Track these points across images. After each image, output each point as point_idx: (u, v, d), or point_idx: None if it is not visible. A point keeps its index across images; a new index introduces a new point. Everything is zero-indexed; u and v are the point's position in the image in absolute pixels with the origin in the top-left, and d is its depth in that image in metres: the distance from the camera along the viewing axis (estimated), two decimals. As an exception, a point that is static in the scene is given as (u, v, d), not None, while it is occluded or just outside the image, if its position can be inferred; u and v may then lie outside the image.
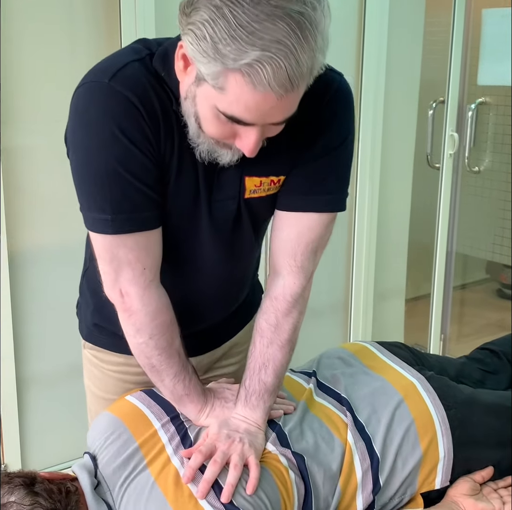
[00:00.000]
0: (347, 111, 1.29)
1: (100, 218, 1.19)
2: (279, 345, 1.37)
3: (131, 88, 1.13)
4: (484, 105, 3.19)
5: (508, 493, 1.48)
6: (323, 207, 1.31)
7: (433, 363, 1.69)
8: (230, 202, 1.29)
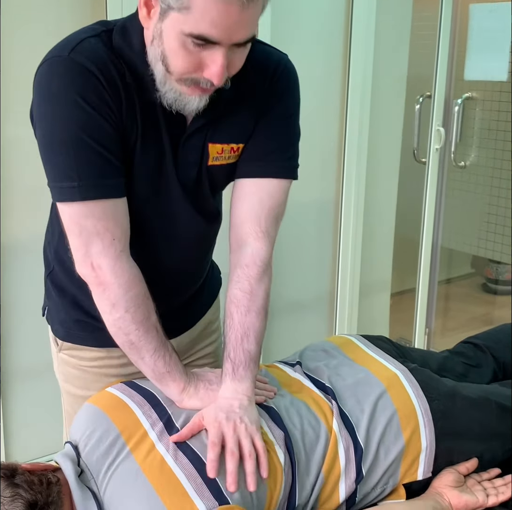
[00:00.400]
0: (296, 86, 1.41)
1: (67, 186, 1.23)
2: (256, 312, 1.39)
3: (89, 59, 1.20)
4: (471, 100, 3.20)
5: (492, 485, 1.49)
6: (280, 172, 1.41)
7: (416, 357, 1.70)
8: (191, 167, 1.36)
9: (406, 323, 3.36)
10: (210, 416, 1.32)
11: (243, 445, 1.27)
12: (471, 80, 3.11)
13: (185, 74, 1.19)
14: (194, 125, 1.33)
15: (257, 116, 1.37)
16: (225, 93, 1.29)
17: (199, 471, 1.24)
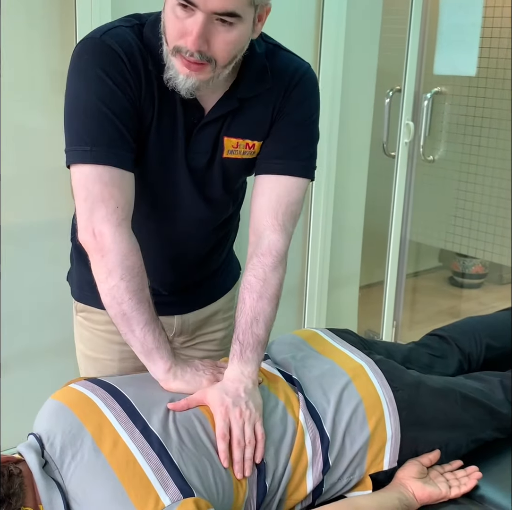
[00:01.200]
0: (314, 93, 1.50)
1: (81, 149, 1.33)
2: (268, 298, 1.45)
3: (118, 42, 1.33)
4: (440, 95, 3.22)
5: (454, 477, 1.51)
6: (299, 171, 1.49)
7: (380, 350, 1.72)
8: (202, 155, 1.45)
9: (374, 316, 3.38)
10: (215, 398, 1.36)
11: (245, 432, 1.33)
12: (440, 75, 3.13)
13: (173, 42, 1.28)
14: (210, 116, 1.42)
15: (272, 118, 1.46)
16: (243, 91, 1.41)
17: (165, 463, 1.24)
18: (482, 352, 1.90)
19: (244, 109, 1.44)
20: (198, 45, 1.24)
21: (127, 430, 1.29)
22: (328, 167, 2.82)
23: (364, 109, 2.99)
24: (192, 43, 1.24)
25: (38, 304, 2.24)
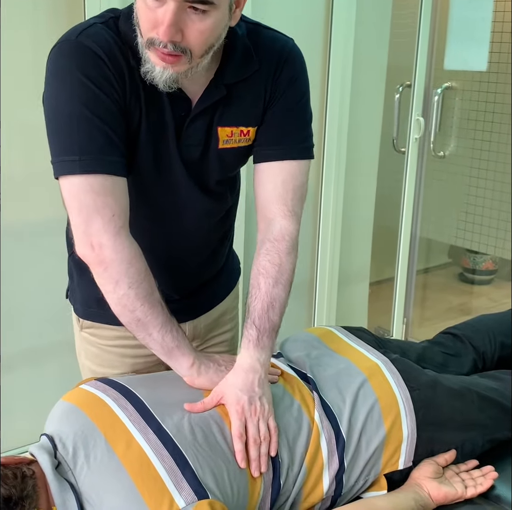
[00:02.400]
0: (303, 70, 1.45)
1: (68, 159, 1.27)
2: (283, 284, 1.43)
3: (95, 42, 1.26)
4: (450, 90, 3.20)
5: (470, 477, 1.50)
6: (300, 154, 1.46)
7: (394, 348, 1.70)
8: (195, 148, 1.40)
9: (384, 313, 3.36)
10: (231, 396, 1.36)
11: (260, 429, 1.33)
12: (451, 70, 3.11)
13: (146, 34, 1.22)
14: (198, 108, 1.36)
15: (265, 102, 1.41)
16: (229, 76, 1.35)
17: (179, 465, 1.23)
18: (497, 350, 1.88)
19: (234, 95, 1.38)
20: (170, 35, 1.19)
21: (141, 431, 1.28)
22: (337, 163, 2.81)
23: (374, 104, 2.97)
24: (164, 33, 1.18)
25: (42, 302, 2.23)
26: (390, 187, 3.21)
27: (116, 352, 1.57)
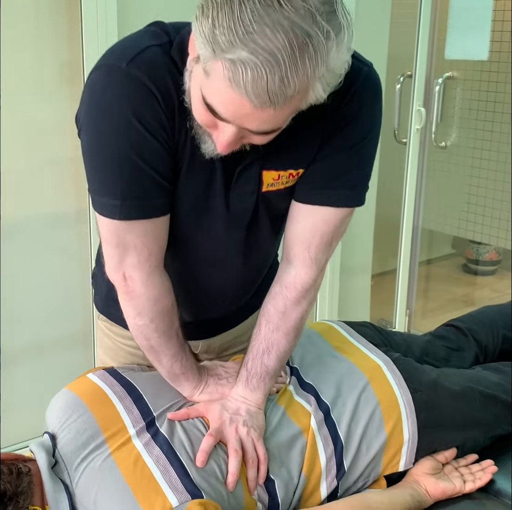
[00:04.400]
0: (373, 105, 1.23)
1: (109, 203, 1.18)
2: (284, 332, 1.37)
3: (148, 74, 1.10)
4: (452, 80, 3.18)
5: (469, 471, 1.49)
6: (339, 202, 1.28)
7: (399, 341, 1.69)
8: (248, 197, 1.27)
9: (387, 304, 3.35)
10: (215, 412, 1.34)
11: (246, 449, 1.29)
12: (452, 59, 3.09)
13: (201, 123, 1.10)
14: (252, 157, 1.21)
15: (322, 139, 1.22)
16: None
17: (173, 465, 1.23)
18: (499, 343, 1.87)
19: (289, 139, 1.16)
20: (228, 150, 1.09)
21: (139, 434, 1.28)
22: (338, 155, 2.79)
23: (374, 95, 2.95)
24: (222, 150, 1.09)
25: (43, 297, 2.23)
26: (392, 178, 3.19)
27: (128, 351, 1.56)
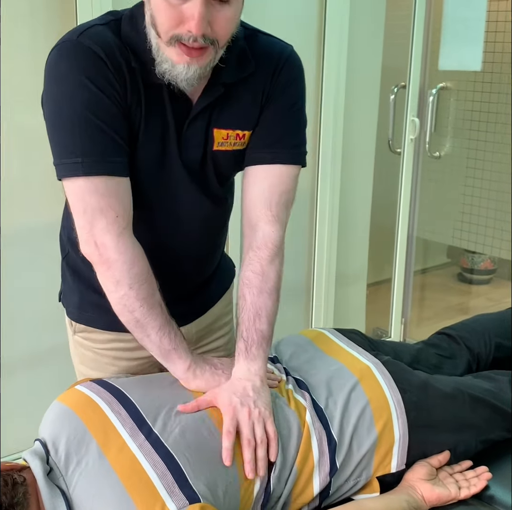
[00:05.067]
0: (300, 76, 1.46)
1: (71, 162, 1.28)
2: (267, 292, 1.44)
3: (97, 43, 1.26)
4: (445, 90, 3.20)
5: (464, 477, 1.50)
6: (289, 159, 1.45)
7: (388, 350, 1.70)
8: (195, 149, 1.40)
9: (382, 313, 3.37)
10: (224, 398, 1.36)
11: (256, 431, 1.33)
12: (445, 70, 3.12)
13: (169, 31, 1.22)
14: (198, 107, 1.36)
15: (261, 105, 1.42)
16: (227, 75, 1.35)
17: (171, 469, 1.23)
18: (492, 351, 1.88)
19: (232, 98, 1.38)
20: (202, 28, 1.20)
21: (133, 436, 1.28)
22: (333, 164, 2.81)
23: (369, 105, 2.98)
24: (197, 27, 1.19)
25: (39, 306, 2.23)
26: (386, 188, 3.21)
27: (110, 355, 1.58)
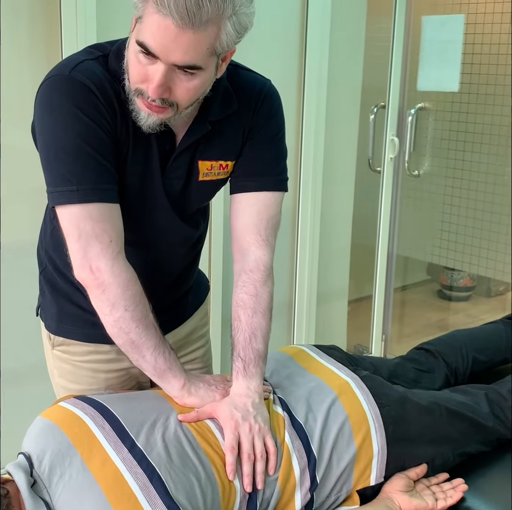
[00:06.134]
0: (279, 109, 1.53)
1: (66, 190, 1.32)
2: (262, 313, 1.49)
3: (88, 77, 1.31)
4: (424, 110, 3.25)
5: (440, 489, 1.52)
6: (274, 186, 1.53)
7: (367, 365, 1.73)
8: (178, 181, 1.46)
9: (363, 330, 3.39)
10: (225, 411, 1.40)
11: (256, 446, 1.37)
12: (424, 91, 3.17)
13: (135, 84, 1.29)
14: (184, 144, 1.43)
15: (244, 137, 1.49)
16: (213, 113, 1.42)
17: (152, 481, 1.25)
18: (469, 366, 1.92)
19: (216, 131, 1.45)
20: (159, 93, 1.26)
21: (116, 449, 1.29)
22: (314, 183, 2.85)
23: (349, 125, 3.02)
24: (153, 92, 1.26)
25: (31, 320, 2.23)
26: (367, 206, 3.26)
27: (88, 368, 1.60)
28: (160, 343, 1.42)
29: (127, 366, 1.58)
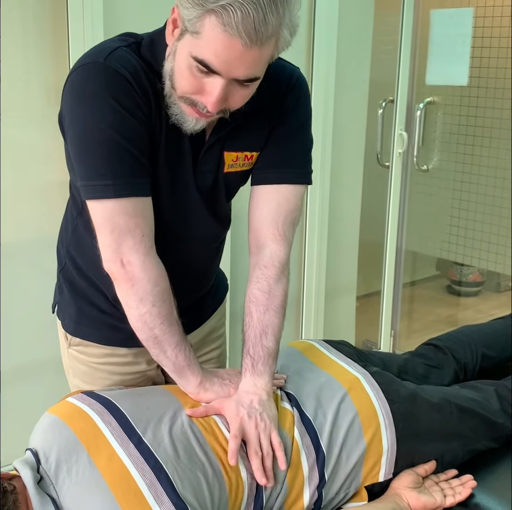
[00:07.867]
0: (307, 97, 1.49)
1: (101, 184, 1.29)
2: (274, 310, 1.47)
3: (123, 66, 1.26)
4: (432, 105, 3.24)
5: (449, 486, 1.51)
6: (296, 179, 1.48)
7: (376, 361, 1.72)
8: (209, 175, 1.44)
9: (372, 326, 3.38)
10: (231, 409, 1.39)
11: (262, 443, 1.36)
12: (432, 85, 3.15)
13: (185, 94, 1.26)
14: (213, 138, 1.40)
15: (270, 127, 1.45)
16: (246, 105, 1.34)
17: (159, 478, 1.25)
18: (478, 361, 1.91)
19: (243, 124, 1.40)
20: (218, 108, 1.24)
21: (123, 446, 1.29)
22: (322, 178, 2.83)
23: (357, 120, 3.01)
24: (213, 107, 1.23)
25: (36, 318, 2.24)
26: (375, 201, 3.24)
27: (104, 370, 1.59)
28: (182, 340, 1.41)
29: (144, 369, 1.58)
